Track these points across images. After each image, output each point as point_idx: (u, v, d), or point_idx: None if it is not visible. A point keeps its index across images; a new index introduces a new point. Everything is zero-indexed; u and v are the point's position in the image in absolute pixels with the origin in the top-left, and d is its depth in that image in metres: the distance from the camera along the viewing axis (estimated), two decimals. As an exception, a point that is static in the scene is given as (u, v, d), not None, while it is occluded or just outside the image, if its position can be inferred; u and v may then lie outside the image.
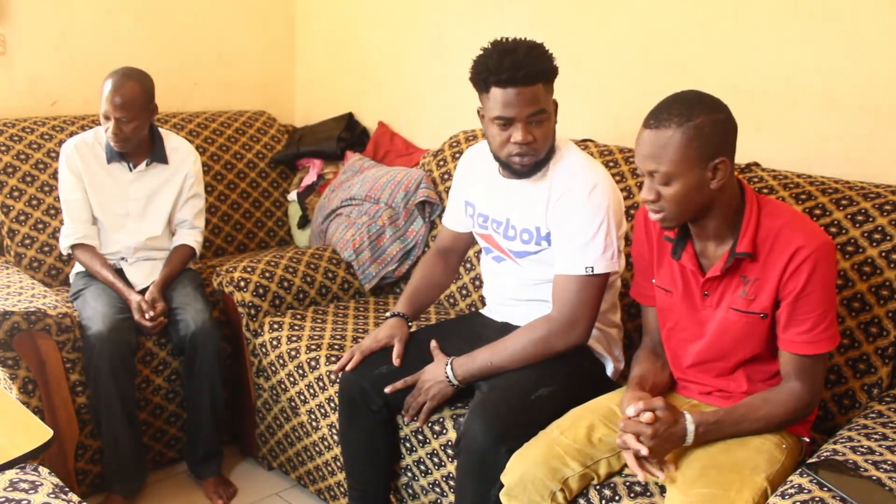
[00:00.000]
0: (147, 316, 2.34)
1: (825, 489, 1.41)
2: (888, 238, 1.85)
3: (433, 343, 1.99)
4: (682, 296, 1.68)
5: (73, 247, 2.47)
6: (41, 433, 1.54)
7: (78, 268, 2.55)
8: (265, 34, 3.58)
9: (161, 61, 3.11)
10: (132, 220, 2.52)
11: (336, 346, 2.27)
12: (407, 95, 3.26)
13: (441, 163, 2.73)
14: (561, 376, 1.84)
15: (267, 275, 2.52)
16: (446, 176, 2.68)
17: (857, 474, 1.45)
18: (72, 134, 2.75)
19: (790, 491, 1.40)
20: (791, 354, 1.57)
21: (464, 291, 2.54)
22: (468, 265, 2.53)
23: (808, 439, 1.67)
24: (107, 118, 2.35)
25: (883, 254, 1.85)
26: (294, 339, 2.34)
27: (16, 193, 2.69)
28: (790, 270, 1.53)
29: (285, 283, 2.54)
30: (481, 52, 1.80)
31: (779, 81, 2.25)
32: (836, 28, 2.12)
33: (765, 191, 2.05)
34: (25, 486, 1.33)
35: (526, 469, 1.61)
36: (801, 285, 1.52)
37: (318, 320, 2.44)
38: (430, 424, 1.96)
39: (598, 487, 1.61)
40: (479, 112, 1.87)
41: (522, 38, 1.80)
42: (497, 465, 1.67)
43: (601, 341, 1.99)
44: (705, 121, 1.51)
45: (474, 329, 2.07)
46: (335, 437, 2.21)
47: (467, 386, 1.90)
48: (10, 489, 1.31)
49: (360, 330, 2.39)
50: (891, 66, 2.05)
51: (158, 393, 2.48)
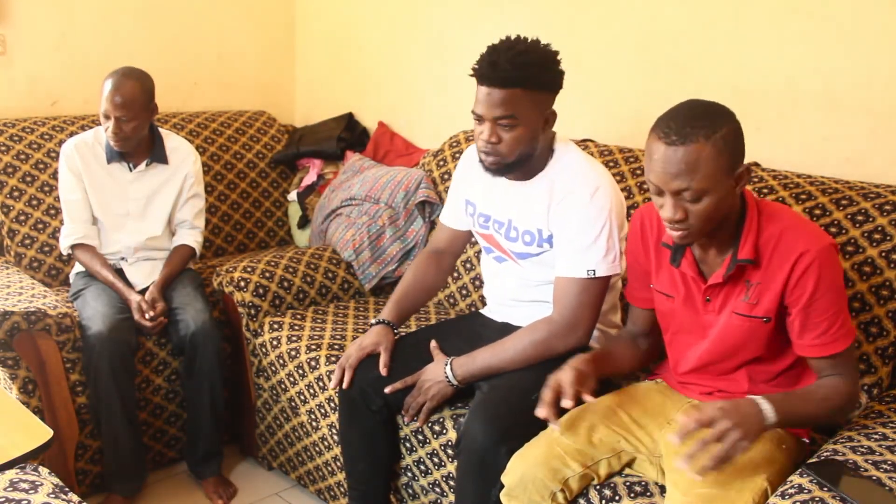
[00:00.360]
0: (147, 316, 2.34)
1: (825, 489, 1.42)
2: (888, 238, 1.85)
3: (433, 343, 1.99)
4: (684, 301, 1.67)
5: (73, 247, 2.47)
6: (41, 433, 1.54)
7: (78, 268, 2.55)
8: (265, 34, 3.58)
9: (161, 61, 3.11)
10: (132, 220, 2.52)
11: (336, 346, 2.27)
12: (407, 95, 3.26)
13: (441, 163, 2.73)
14: None
15: (267, 275, 2.52)
16: (446, 176, 2.68)
17: (857, 474, 1.45)
18: (72, 134, 2.75)
19: (790, 491, 1.40)
20: (813, 359, 1.57)
21: (464, 291, 2.54)
22: (468, 265, 2.53)
23: (807, 440, 1.67)
24: (107, 118, 2.35)
25: (883, 254, 1.85)
26: (294, 339, 2.34)
27: (16, 193, 2.69)
28: (795, 276, 1.51)
29: (285, 283, 2.54)
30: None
31: (779, 81, 2.25)
32: (836, 28, 2.13)
33: (765, 191, 2.05)
34: (25, 486, 1.33)
35: (526, 469, 1.61)
36: (810, 292, 1.51)
37: (318, 320, 2.44)
38: (430, 424, 1.95)
39: (598, 488, 1.61)
40: None
41: (529, 41, 1.77)
42: (497, 465, 1.66)
43: (602, 342, 1.98)
44: (729, 130, 1.48)
45: (474, 329, 2.07)
46: (335, 437, 2.21)
47: (468, 386, 1.90)
48: (10, 489, 1.31)
49: (361, 330, 2.39)
50: (891, 66, 2.05)
51: (158, 393, 2.48)
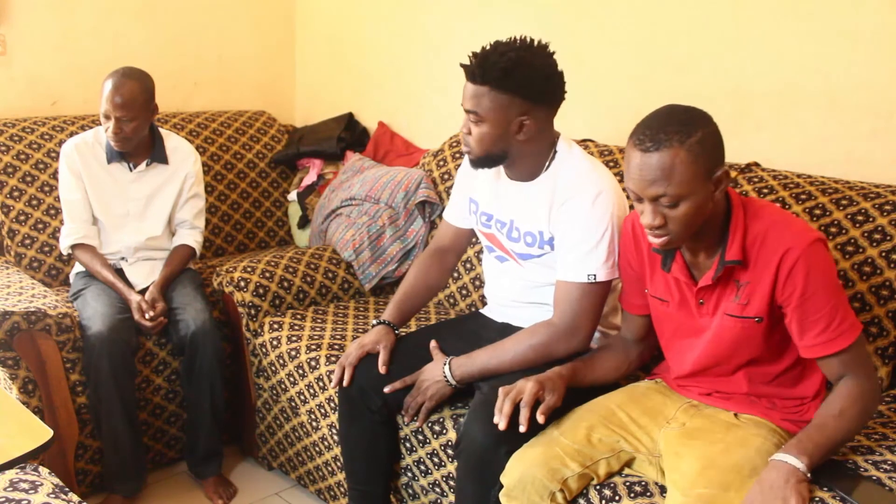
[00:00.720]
0: (147, 316, 2.34)
1: (825, 489, 1.42)
2: (888, 238, 1.85)
3: (433, 343, 1.99)
4: (679, 305, 1.67)
5: (73, 247, 2.47)
6: (41, 433, 1.54)
7: (78, 268, 2.55)
8: (265, 34, 3.58)
9: (161, 61, 3.11)
10: (132, 220, 2.52)
11: (336, 346, 2.27)
12: (407, 95, 3.26)
13: (441, 163, 2.73)
14: None
15: (267, 275, 2.52)
16: (446, 176, 2.68)
17: (856, 474, 1.45)
18: (72, 134, 2.75)
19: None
20: (820, 359, 1.53)
21: (464, 291, 2.54)
22: (468, 265, 2.53)
23: None
24: (107, 118, 2.35)
25: (883, 254, 1.85)
26: (294, 339, 2.34)
27: (16, 193, 2.69)
28: (783, 274, 1.49)
29: (285, 283, 2.54)
30: None
31: (779, 81, 2.25)
32: (836, 28, 2.13)
33: (765, 191, 2.05)
34: (25, 486, 1.33)
35: (525, 470, 1.61)
36: (801, 289, 1.48)
37: (318, 320, 2.44)
38: (429, 424, 1.95)
39: (598, 487, 1.61)
40: None
41: (527, 47, 1.77)
42: (497, 465, 1.66)
43: (602, 344, 1.98)
44: (704, 134, 1.47)
45: (474, 330, 2.06)
46: (335, 437, 2.21)
47: (468, 386, 1.90)
48: (10, 489, 1.31)
49: (361, 330, 2.39)
50: (891, 66, 2.05)
51: (158, 393, 2.48)
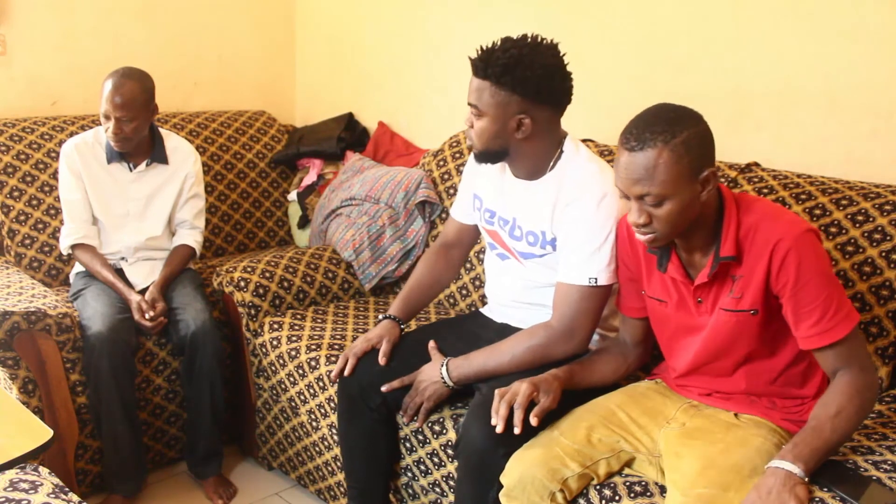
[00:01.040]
0: (147, 316, 2.34)
1: (825, 489, 1.42)
2: (888, 238, 1.85)
3: (431, 343, 1.99)
4: (677, 305, 1.67)
5: (73, 247, 2.47)
6: (41, 433, 1.54)
7: (78, 268, 2.54)
8: (265, 34, 3.58)
9: (161, 61, 3.11)
10: (132, 220, 2.52)
11: (336, 346, 2.27)
12: (407, 95, 3.26)
13: (441, 163, 2.73)
14: None
15: (267, 275, 2.52)
16: (446, 176, 2.68)
17: (856, 474, 1.45)
18: (72, 134, 2.75)
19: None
20: (817, 351, 1.52)
21: (464, 291, 2.54)
22: (468, 265, 2.53)
23: None
24: (107, 118, 2.35)
25: (883, 254, 1.85)
26: (294, 339, 2.34)
27: (16, 193, 2.69)
28: (776, 265, 1.49)
29: (285, 283, 2.54)
30: None
31: (779, 81, 2.25)
32: (836, 28, 2.13)
33: (765, 191, 2.05)
34: (25, 486, 1.33)
35: (525, 470, 1.61)
36: (793, 279, 1.48)
37: (318, 320, 2.44)
38: (429, 424, 1.95)
39: (598, 487, 1.61)
40: None
41: (536, 46, 1.76)
42: (495, 466, 1.66)
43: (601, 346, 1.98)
44: (690, 134, 1.47)
45: (473, 329, 2.06)
46: (335, 437, 2.21)
47: (467, 386, 1.90)
48: (10, 489, 1.31)
49: (361, 330, 2.39)
50: (891, 66, 2.05)
51: (158, 393, 2.48)
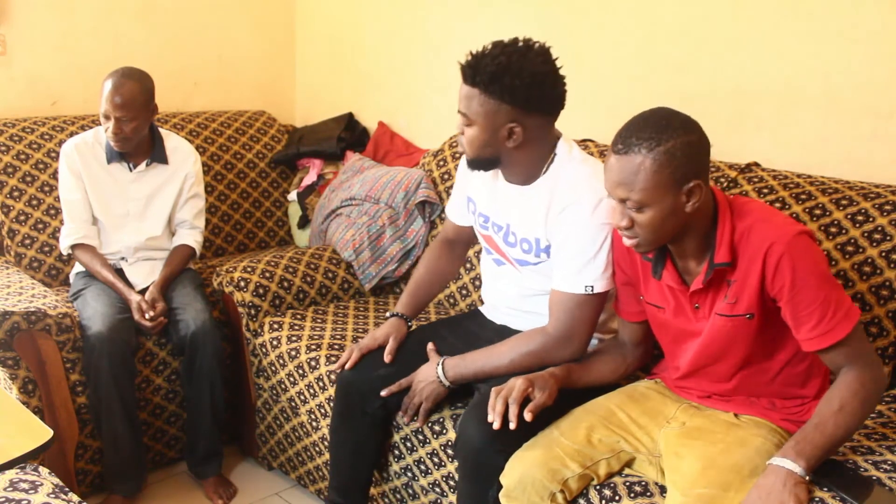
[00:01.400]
0: (147, 316, 2.34)
1: (825, 489, 1.42)
2: (888, 238, 1.85)
3: (430, 345, 1.99)
4: (675, 311, 1.65)
5: (73, 247, 2.47)
6: (41, 433, 1.54)
7: (78, 268, 2.54)
8: (265, 34, 3.58)
9: (161, 61, 3.11)
10: (132, 220, 2.52)
11: (336, 346, 2.27)
12: (407, 95, 3.26)
13: (441, 163, 2.73)
14: None
15: (267, 275, 2.52)
16: (446, 176, 2.68)
17: (857, 474, 1.45)
18: (72, 134, 2.75)
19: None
20: (821, 353, 1.49)
21: (463, 291, 2.54)
22: (468, 265, 2.53)
23: None
24: (107, 118, 2.35)
25: (883, 254, 1.85)
26: (294, 339, 2.34)
27: (16, 193, 2.69)
28: (770, 270, 1.47)
29: (285, 283, 2.54)
30: None
31: (779, 81, 2.25)
32: (836, 28, 2.13)
33: (765, 191, 2.05)
34: (25, 486, 1.33)
35: (525, 470, 1.61)
36: (789, 283, 1.46)
37: (318, 320, 2.44)
38: (430, 424, 1.96)
39: (598, 488, 1.61)
40: None
41: (526, 51, 1.72)
42: (493, 466, 1.66)
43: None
44: (676, 144, 1.44)
45: (472, 329, 2.06)
46: (335, 437, 2.21)
47: (466, 386, 1.90)
48: (10, 489, 1.31)
49: (360, 330, 2.39)
50: (891, 66, 2.05)
51: (158, 393, 2.48)
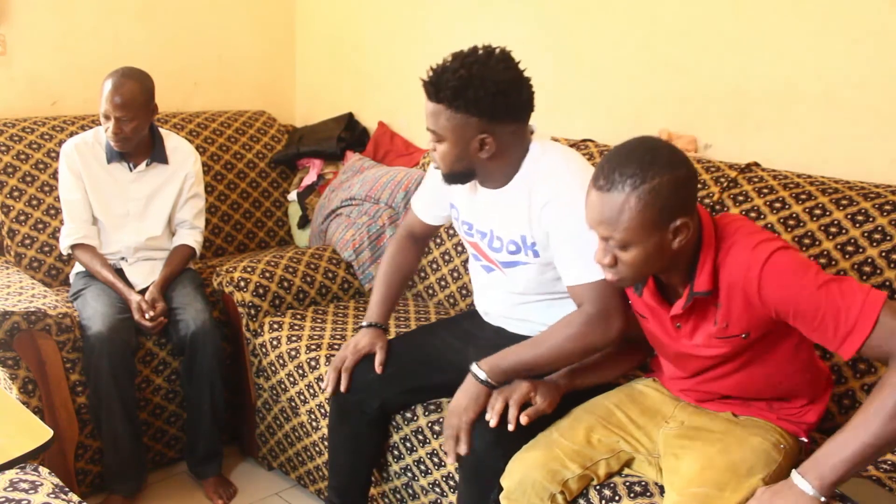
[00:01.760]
0: (147, 316, 2.34)
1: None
2: (888, 238, 1.85)
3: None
4: (657, 325, 1.62)
5: (73, 247, 2.47)
6: (41, 433, 1.54)
7: (78, 268, 2.54)
8: (265, 34, 3.58)
9: (161, 61, 3.11)
10: (132, 220, 2.52)
11: (336, 346, 2.27)
12: (407, 95, 3.25)
13: (441, 163, 2.73)
14: None
15: (267, 275, 2.52)
16: (446, 176, 2.68)
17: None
18: (72, 134, 2.75)
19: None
20: (860, 354, 1.38)
21: (463, 291, 2.54)
22: (469, 265, 2.52)
23: (805, 440, 1.65)
24: (107, 118, 2.35)
25: (883, 254, 1.85)
26: (294, 339, 2.34)
27: (16, 193, 2.69)
28: (753, 297, 1.41)
29: (285, 283, 2.54)
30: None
31: (779, 81, 2.25)
32: (836, 28, 2.13)
33: (765, 191, 2.05)
34: (25, 486, 1.33)
35: (525, 472, 1.60)
36: (783, 305, 1.39)
37: (318, 320, 2.44)
38: (430, 424, 1.96)
39: (598, 488, 1.61)
40: None
41: (485, 59, 1.66)
42: (494, 468, 1.66)
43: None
44: (663, 181, 1.36)
45: (470, 329, 2.05)
46: (335, 437, 2.21)
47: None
48: (10, 489, 1.31)
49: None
50: (891, 66, 2.05)
51: (158, 393, 2.48)
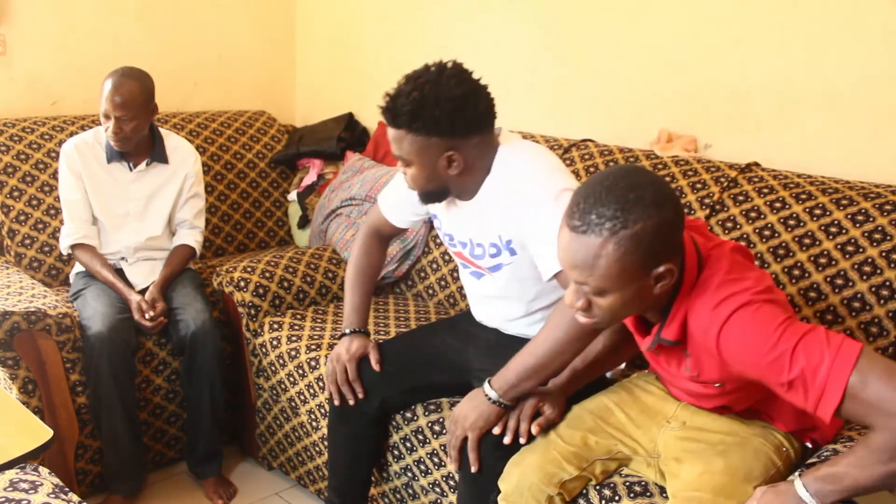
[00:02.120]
0: (147, 316, 2.34)
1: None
2: (888, 238, 1.85)
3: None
4: (638, 339, 1.55)
5: (73, 247, 2.46)
6: (41, 433, 1.54)
7: (78, 268, 2.54)
8: (265, 34, 3.58)
9: (161, 61, 3.11)
10: (132, 219, 2.52)
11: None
12: (407, 95, 3.25)
13: (441, 163, 2.72)
14: None
15: (267, 275, 2.52)
16: (446, 176, 2.68)
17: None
18: (72, 134, 2.75)
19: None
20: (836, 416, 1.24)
21: (463, 291, 2.53)
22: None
23: (810, 444, 1.61)
24: (107, 117, 2.35)
25: (883, 254, 1.85)
26: (294, 339, 2.34)
27: (16, 193, 2.69)
28: (718, 357, 1.31)
29: (285, 283, 2.54)
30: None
31: (779, 81, 2.25)
32: (836, 28, 2.13)
33: (765, 191, 2.05)
34: (25, 486, 1.33)
35: (522, 475, 1.59)
36: (746, 368, 1.27)
37: (318, 320, 2.44)
38: (430, 424, 1.96)
39: (597, 488, 1.61)
40: None
41: (438, 79, 1.67)
42: (494, 469, 1.65)
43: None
44: (647, 226, 1.22)
45: (468, 329, 2.05)
46: (335, 437, 2.21)
47: (469, 385, 1.89)
48: (10, 489, 1.31)
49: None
50: (891, 66, 2.05)
51: (158, 393, 2.48)
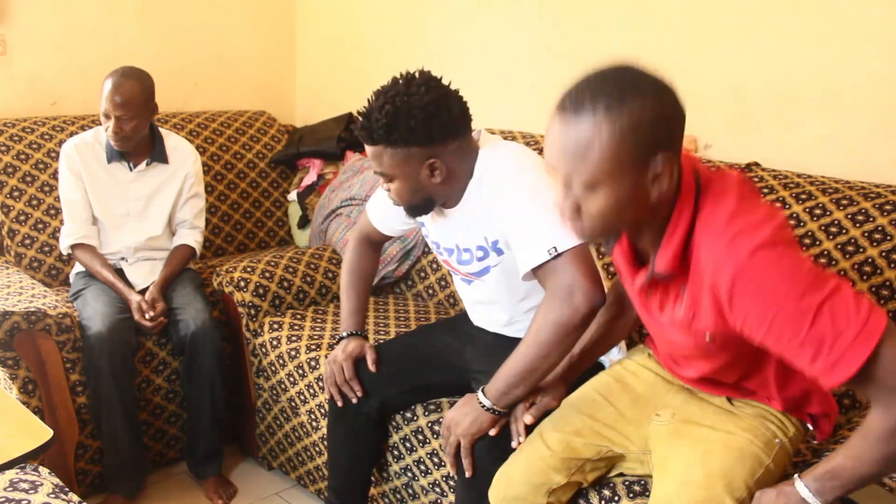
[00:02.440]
0: (147, 316, 2.34)
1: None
2: (888, 238, 1.85)
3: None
4: (629, 287, 1.41)
5: (73, 247, 2.47)
6: (41, 433, 1.54)
7: (78, 268, 2.55)
8: (265, 34, 3.58)
9: (161, 61, 3.11)
10: (132, 219, 2.52)
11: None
12: (407, 95, 3.26)
13: (441, 163, 2.72)
14: None
15: (267, 275, 2.52)
16: (446, 176, 2.68)
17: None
18: (72, 134, 2.75)
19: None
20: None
21: (464, 291, 2.54)
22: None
23: (811, 427, 1.49)
24: (107, 117, 2.35)
25: (883, 254, 1.85)
26: (294, 339, 2.34)
27: (16, 193, 2.69)
28: (723, 302, 1.16)
29: (285, 283, 2.54)
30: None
31: (779, 81, 2.25)
32: (836, 28, 2.13)
33: (765, 191, 2.05)
34: (25, 486, 1.33)
35: (508, 489, 1.56)
36: (754, 317, 1.12)
37: (318, 320, 2.44)
38: (429, 424, 1.96)
39: (597, 488, 1.61)
40: None
41: (403, 86, 1.67)
42: (490, 471, 1.64)
43: None
44: (645, 110, 1.10)
45: (467, 329, 2.05)
46: (335, 437, 2.21)
47: (468, 387, 1.89)
48: (10, 489, 1.31)
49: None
50: (891, 66, 2.05)
51: (158, 393, 2.48)
